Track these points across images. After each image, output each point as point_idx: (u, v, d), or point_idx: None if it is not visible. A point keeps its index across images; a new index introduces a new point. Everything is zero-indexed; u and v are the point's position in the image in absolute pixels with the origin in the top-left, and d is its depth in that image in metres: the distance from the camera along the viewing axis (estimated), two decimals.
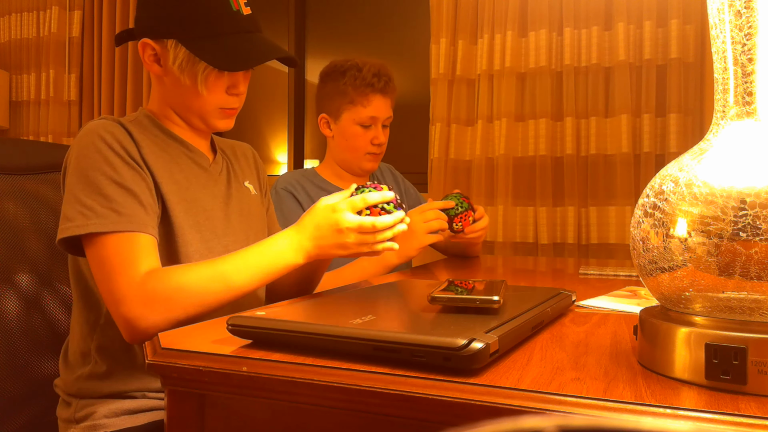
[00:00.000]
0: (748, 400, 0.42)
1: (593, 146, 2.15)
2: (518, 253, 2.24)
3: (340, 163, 1.57)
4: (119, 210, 0.84)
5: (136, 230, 0.85)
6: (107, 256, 0.83)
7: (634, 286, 1.03)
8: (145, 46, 0.96)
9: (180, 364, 0.55)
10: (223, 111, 0.99)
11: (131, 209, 0.85)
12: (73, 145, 0.91)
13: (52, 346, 1.07)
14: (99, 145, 0.88)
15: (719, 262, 0.46)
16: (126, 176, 0.87)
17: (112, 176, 0.86)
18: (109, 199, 0.85)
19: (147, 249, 0.85)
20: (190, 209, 0.95)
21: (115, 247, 0.83)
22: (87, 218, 0.83)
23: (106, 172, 0.86)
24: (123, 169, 0.87)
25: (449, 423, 0.46)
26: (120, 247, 0.83)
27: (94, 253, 0.84)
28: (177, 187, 0.94)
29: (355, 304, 0.70)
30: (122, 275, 0.81)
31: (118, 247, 0.83)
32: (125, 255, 0.83)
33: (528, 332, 0.61)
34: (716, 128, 0.52)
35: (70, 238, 0.84)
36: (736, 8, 0.49)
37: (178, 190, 0.94)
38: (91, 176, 0.86)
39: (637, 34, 2.11)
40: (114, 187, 0.85)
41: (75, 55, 2.89)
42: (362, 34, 2.79)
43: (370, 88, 1.47)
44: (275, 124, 2.96)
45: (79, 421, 0.92)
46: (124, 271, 0.82)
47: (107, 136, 0.89)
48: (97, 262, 0.84)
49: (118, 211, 0.84)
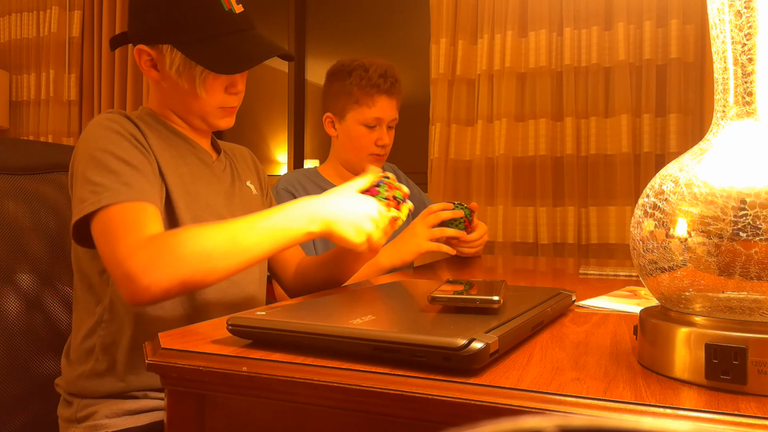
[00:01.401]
0: (748, 400, 0.42)
1: (593, 146, 2.15)
2: (518, 253, 2.24)
3: (344, 164, 1.57)
4: (128, 182, 0.84)
5: (144, 200, 0.84)
6: (112, 223, 0.81)
7: (634, 286, 1.03)
8: (141, 53, 0.96)
9: (180, 364, 0.55)
10: (223, 110, 0.99)
11: (138, 182, 0.85)
12: (80, 139, 0.91)
13: (52, 345, 1.07)
14: (106, 132, 0.89)
15: (719, 262, 0.46)
16: (134, 156, 0.87)
17: (120, 155, 0.86)
18: (117, 174, 0.84)
19: (153, 216, 0.84)
20: (193, 203, 0.95)
21: (121, 214, 0.81)
22: (98, 194, 0.83)
23: (113, 152, 0.86)
24: (130, 149, 0.88)
25: (449, 423, 0.46)
26: (126, 213, 0.82)
27: (99, 224, 0.82)
28: (181, 180, 0.95)
29: (355, 304, 0.70)
30: (126, 236, 0.79)
31: (124, 214, 0.82)
32: (131, 220, 0.81)
33: (528, 332, 0.61)
34: (716, 128, 0.52)
35: (82, 227, 0.84)
36: (736, 8, 0.49)
37: (182, 183, 0.95)
38: (99, 156, 0.86)
39: (637, 34, 2.11)
40: (122, 165, 0.86)
41: (75, 55, 2.89)
42: (362, 34, 2.79)
43: (376, 89, 1.46)
44: (275, 124, 2.96)
45: (80, 421, 0.92)
46: (129, 233, 0.79)
47: (113, 124, 0.90)
48: (101, 232, 0.81)
49: (128, 183, 0.84)
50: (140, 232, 0.80)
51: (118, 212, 0.82)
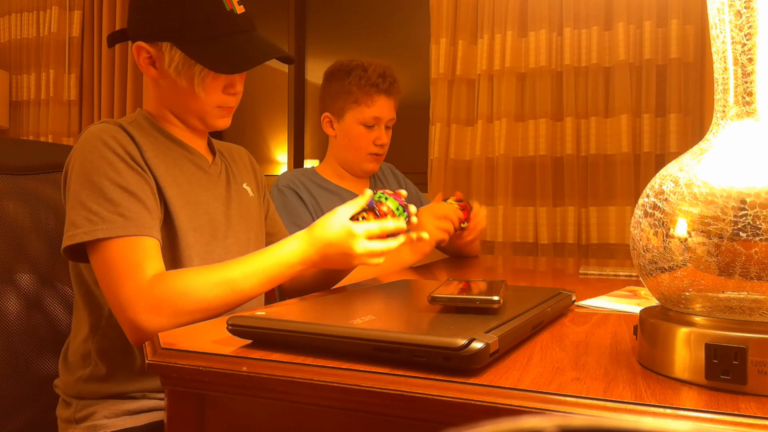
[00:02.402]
0: (748, 400, 0.42)
1: (593, 146, 2.15)
2: (518, 253, 2.24)
3: (342, 163, 1.57)
4: (125, 214, 0.84)
5: (142, 234, 0.84)
6: (113, 261, 0.82)
7: (634, 286, 1.03)
8: (140, 50, 0.95)
9: (180, 364, 0.55)
10: (221, 110, 0.99)
11: (137, 213, 0.85)
12: (75, 149, 0.90)
13: (52, 345, 1.07)
14: (102, 150, 0.87)
15: (719, 262, 0.46)
16: (130, 180, 0.87)
17: (117, 180, 0.86)
18: (114, 204, 0.84)
19: (152, 253, 0.84)
20: (193, 213, 0.94)
21: (121, 251, 0.82)
22: (94, 224, 0.83)
23: (110, 177, 0.86)
24: (127, 173, 0.87)
25: (449, 423, 0.46)
26: (126, 251, 0.83)
27: (99, 258, 0.83)
28: (179, 191, 0.94)
29: (355, 304, 0.70)
30: (129, 280, 0.81)
31: (124, 251, 0.83)
32: (131, 259, 0.82)
33: (528, 332, 0.61)
34: (716, 128, 0.52)
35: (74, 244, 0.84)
36: (736, 8, 0.49)
37: (181, 193, 0.94)
38: (96, 181, 0.85)
39: (637, 34, 2.11)
40: (119, 192, 0.85)
41: (75, 55, 2.89)
42: (362, 34, 2.79)
43: (375, 89, 1.47)
44: (275, 124, 2.96)
45: (79, 422, 0.92)
46: (131, 276, 0.81)
47: (110, 140, 0.88)
48: (102, 267, 0.83)
49: (125, 215, 0.84)
50: (141, 274, 0.82)
51: (117, 249, 0.82)
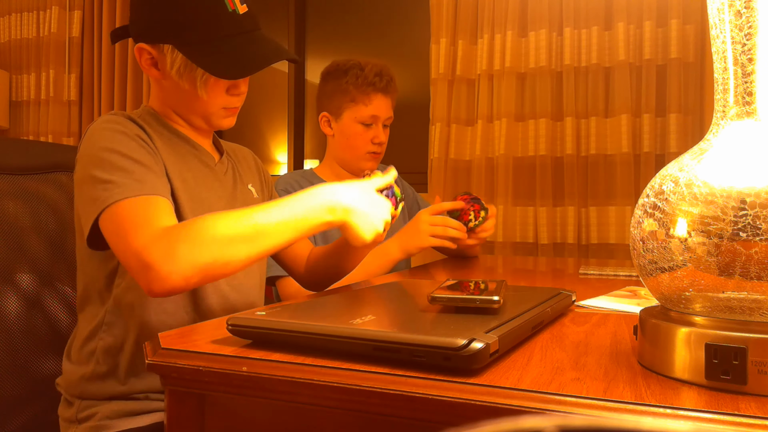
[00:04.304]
0: (748, 400, 0.42)
1: (593, 146, 2.15)
2: (518, 253, 2.24)
3: (340, 163, 1.58)
4: (139, 179, 0.83)
5: (156, 194, 0.82)
6: (126, 216, 0.79)
7: (634, 286, 1.03)
8: (142, 51, 0.94)
9: (180, 364, 0.55)
10: (225, 110, 0.98)
11: (150, 179, 0.84)
12: (83, 139, 0.89)
13: (52, 345, 1.07)
14: (110, 132, 0.86)
15: (719, 262, 0.46)
16: (142, 154, 0.86)
17: (128, 153, 0.84)
18: (127, 171, 0.83)
19: (167, 209, 0.82)
20: (197, 209, 0.94)
21: (134, 208, 0.79)
22: (109, 191, 0.81)
23: (120, 151, 0.84)
24: (138, 149, 0.86)
25: (449, 423, 0.46)
26: (139, 207, 0.80)
27: (110, 220, 0.80)
28: (185, 185, 0.94)
29: (355, 304, 0.70)
30: (143, 227, 0.77)
31: (137, 208, 0.80)
32: (146, 213, 0.79)
33: (528, 332, 0.61)
34: (716, 128, 0.52)
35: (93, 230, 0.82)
36: (736, 8, 0.49)
37: (186, 188, 0.94)
38: (105, 156, 0.84)
39: (637, 34, 2.11)
40: (131, 162, 0.84)
41: (75, 55, 2.89)
42: (362, 34, 2.79)
43: (372, 87, 1.48)
44: (275, 124, 2.96)
45: (81, 422, 0.91)
46: (145, 224, 0.77)
47: (117, 125, 0.88)
48: (114, 226, 0.79)
49: (138, 179, 0.82)
50: (156, 223, 0.78)
51: (130, 206, 0.80)
